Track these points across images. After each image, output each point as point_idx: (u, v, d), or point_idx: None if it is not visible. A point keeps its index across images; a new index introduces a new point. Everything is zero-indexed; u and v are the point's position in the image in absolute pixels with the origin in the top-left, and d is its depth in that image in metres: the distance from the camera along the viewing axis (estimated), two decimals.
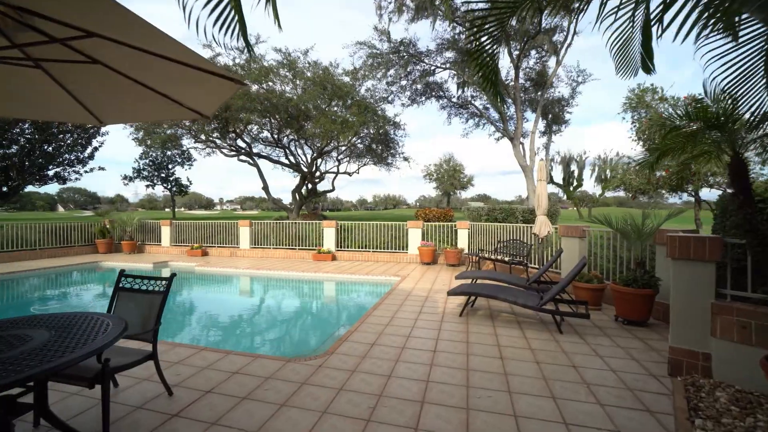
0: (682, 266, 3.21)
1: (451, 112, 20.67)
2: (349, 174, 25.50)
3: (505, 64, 18.55)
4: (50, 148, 21.54)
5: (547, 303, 4.59)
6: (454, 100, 20.03)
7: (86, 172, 24.51)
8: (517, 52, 17.02)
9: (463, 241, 10.91)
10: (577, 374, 3.31)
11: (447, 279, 8.37)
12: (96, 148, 24.07)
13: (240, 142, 21.30)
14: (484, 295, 5.00)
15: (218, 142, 20.85)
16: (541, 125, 20.75)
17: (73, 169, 23.89)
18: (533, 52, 18.40)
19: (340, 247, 12.16)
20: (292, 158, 23.14)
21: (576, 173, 33.51)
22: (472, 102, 19.92)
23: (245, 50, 17.20)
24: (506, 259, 7.99)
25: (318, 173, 24.90)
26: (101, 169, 25.05)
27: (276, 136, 21.17)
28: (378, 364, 3.53)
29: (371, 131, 20.16)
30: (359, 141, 22.31)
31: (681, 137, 3.51)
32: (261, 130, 20.11)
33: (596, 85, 20.48)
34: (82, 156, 23.29)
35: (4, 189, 21.55)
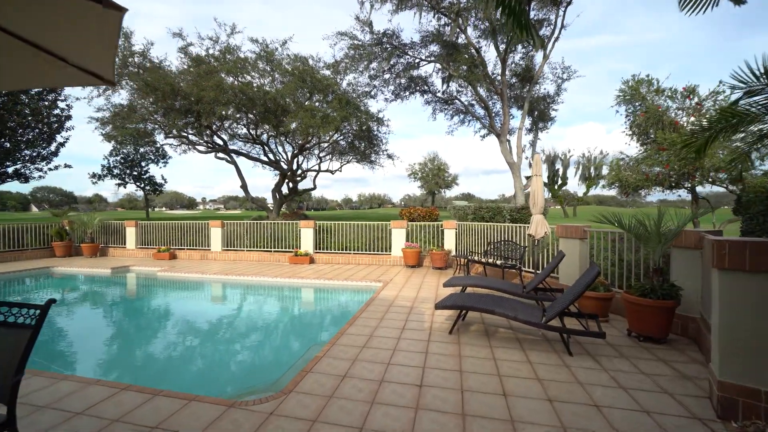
0: (733, 279, 2.53)
1: (436, 107, 19.98)
2: (332, 172, 24.60)
3: (491, 57, 18.01)
4: (7, 144, 19.94)
5: (552, 319, 3.88)
6: (439, 95, 19.35)
7: (50, 169, 22.93)
8: (503, 46, 16.44)
9: (450, 242, 10.21)
10: (602, 418, 2.60)
11: (434, 285, 7.64)
12: (61, 144, 22.52)
13: (217, 140, 20.17)
14: (478, 309, 4.27)
15: (192, 138, 19.66)
16: (527, 122, 20.31)
17: (36, 166, 22.29)
18: (519, 46, 17.89)
19: (319, 249, 11.31)
20: (271, 155, 22.10)
21: (561, 171, 33.51)
22: (458, 97, 19.29)
23: (218, 40, 16.15)
24: (498, 262, 7.31)
25: (300, 171, 23.93)
26: (67, 166, 23.46)
27: (253, 132, 20.10)
28: (347, 409, 2.74)
29: (354, 127, 19.31)
30: (341, 138, 21.44)
31: (736, 116, 2.82)
32: (237, 125, 19.00)
33: (575, 87, 20.46)
34: (44, 152, 21.72)
35: None
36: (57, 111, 21.16)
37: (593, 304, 4.83)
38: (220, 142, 20.28)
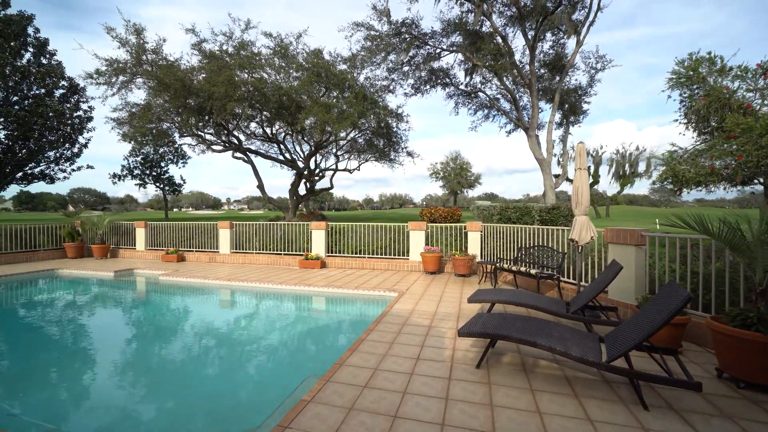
0: None
1: (459, 101, 18.86)
2: (350, 171, 23.90)
3: (518, 45, 16.71)
4: (32, 146, 20.26)
5: (618, 358, 2.87)
6: (462, 87, 18.23)
7: (74, 170, 23.28)
8: (532, 33, 15.18)
9: (474, 247, 9.18)
10: None
11: (456, 296, 6.66)
12: (84, 145, 22.81)
13: (233, 139, 19.81)
14: (516, 340, 3.30)
15: (209, 137, 19.37)
16: (557, 116, 18.86)
17: (60, 167, 22.65)
18: (549, 34, 16.55)
19: (331, 252, 10.51)
20: (288, 155, 21.60)
21: (592, 169, 31.50)
22: (482, 90, 18.10)
23: (232, 36, 15.68)
24: (532, 271, 6.25)
25: (317, 171, 23.34)
26: (90, 167, 23.78)
27: (269, 130, 19.62)
28: None
29: (372, 124, 18.49)
30: (359, 135, 20.68)
31: None
32: (249, 121, 18.54)
33: (603, 83, 18.55)
34: (67, 153, 22.02)
35: None
36: (80, 113, 21.38)
37: (667, 333, 3.75)
38: (237, 141, 19.92)
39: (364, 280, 8.22)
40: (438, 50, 16.24)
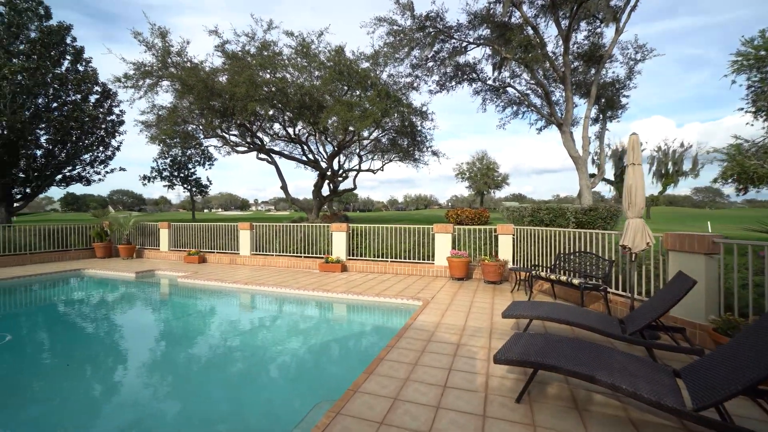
0: None
1: (487, 97, 18.01)
2: (373, 171, 23.48)
3: (550, 35, 15.67)
4: (68, 149, 21.07)
5: (710, 407, 2.20)
6: (490, 82, 17.37)
7: (108, 173, 24.09)
8: (566, 22, 14.20)
9: (505, 251, 8.46)
10: None
11: (487, 307, 6.02)
12: (117, 148, 23.55)
13: (257, 140, 19.84)
14: (567, 372, 2.68)
15: (233, 139, 19.47)
16: (593, 111, 17.65)
17: (95, 170, 23.49)
18: (583, 24, 15.46)
19: (353, 256, 10.07)
20: (311, 156, 21.43)
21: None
22: (512, 84, 17.18)
23: (254, 36, 15.59)
24: (574, 281, 5.53)
25: (341, 171, 23.07)
26: (122, 169, 24.52)
27: (291, 130, 19.49)
28: None
29: (395, 122, 17.97)
30: (383, 134, 20.22)
31: None
32: (272, 122, 18.45)
33: (638, 77, 17.00)
34: (101, 156, 22.79)
35: (27, 191, 21.34)
36: (112, 117, 22.08)
37: None
38: (260, 143, 19.94)
39: (386, 286, 7.70)
40: (464, 44, 15.50)
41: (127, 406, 3.49)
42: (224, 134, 18.30)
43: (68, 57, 20.89)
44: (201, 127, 17.28)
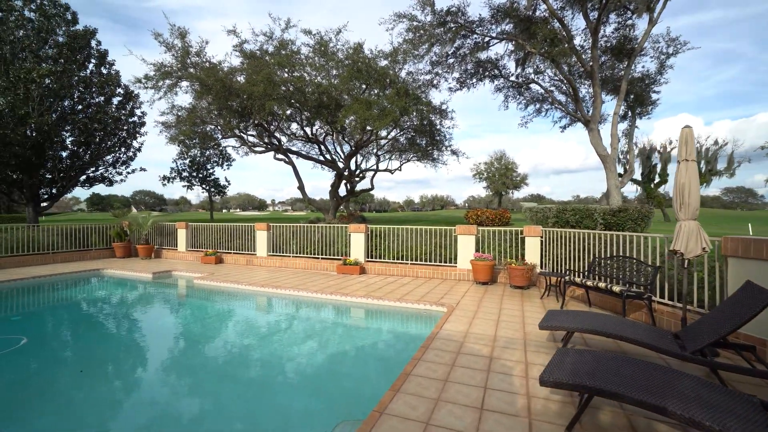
0: None
1: (509, 94, 17.44)
2: (391, 172, 23.18)
3: (578, 26, 14.95)
4: (92, 150, 21.53)
5: None
6: (513, 79, 16.81)
7: (129, 173, 24.54)
8: (595, 13, 13.56)
9: (532, 254, 8.00)
10: None
11: (517, 315, 5.61)
12: (138, 149, 23.97)
13: (274, 140, 19.82)
14: (633, 401, 2.28)
15: (251, 139, 19.50)
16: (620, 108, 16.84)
17: (117, 170, 23.97)
18: (612, 16, 14.75)
19: (371, 258, 9.76)
20: (328, 156, 21.28)
21: (659, 167, 28.35)
22: (536, 80, 16.56)
23: (272, 35, 15.50)
24: (615, 288, 5.06)
25: (358, 171, 22.86)
26: (142, 170, 24.96)
27: (309, 130, 19.37)
28: None
29: (414, 121, 17.62)
30: (401, 134, 19.89)
31: None
32: (289, 122, 18.36)
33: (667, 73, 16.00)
34: (123, 157, 23.22)
35: (53, 191, 21.92)
36: (134, 118, 22.46)
37: None
38: (278, 142, 19.90)
39: (407, 290, 7.36)
40: (486, 39, 15.01)
41: (134, 417, 3.26)
42: (242, 134, 18.34)
43: (93, 60, 21.34)
44: (219, 128, 17.34)
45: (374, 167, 22.80)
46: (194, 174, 30.33)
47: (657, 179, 27.44)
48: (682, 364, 3.79)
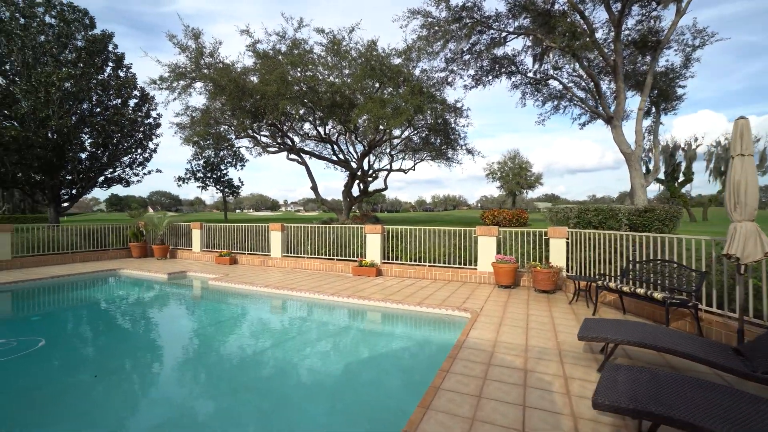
0: None
1: (526, 91, 16.97)
2: (404, 171, 22.92)
3: (600, 18, 14.34)
4: (110, 152, 21.83)
5: None
6: (530, 75, 16.33)
7: (145, 174, 24.83)
8: (618, 5, 13.03)
9: (558, 257, 7.62)
10: None
11: (546, 321, 5.27)
12: (153, 150, 24.23)
13: (288, 140, 19.75)
14: None
15: (264, 139, 19.47)
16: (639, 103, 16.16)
17: (133, 171, 24.28)
18: (635, 8, 14.17)
19: (387, 259, 9.50)
20: (341, 155, 21.13)
21: (683, 165, 27.32)
22: (555, 76, 16.05)
23: (285, 35, 15.39)
24: (657, 295, 4.68)
25: (371, 171, 22.65)
26: (158, 171, 25.23)
27: (321, 130, 19.23)
28: None
29: (428, 120, 17.30)
30: (414, 133, 19.59)
31: None
32: (302, 122, 18.24)
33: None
34: (139, 159, 23.50)
35: (73, 192, 22.30)
36: (149, 120, 22.70)
37: None
38: (291, 143, 19.82)
39: (426, 293, 7.07)
40: (503, 34, 14.60)
41: (149, 418, 3.07)
42: (255, 135, 18.30)
43: (110, 63, 21.63)
44: (233, 128, 17.32)
45: (387, 167, 22.56)
46: (208, 175, 30.61)
47: (681, 178, 26.43)
48: (740, 381, 3.42)
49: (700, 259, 4.86)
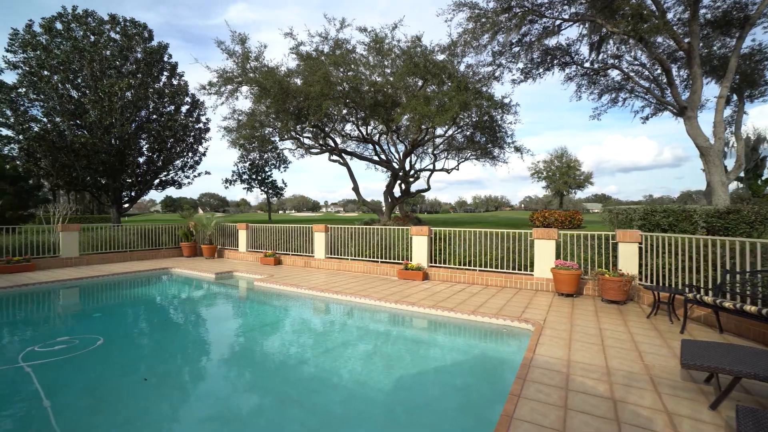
0: None
1: (582, 83, 15.75)
2: (447, 171, 22.25)
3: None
4: (164, 156, 23.16)
5: None
6: (587, 65, 15.12)
7: (195, 177, 26.11)
8: None
9: (628, 264, 6.77)
10: None
11: (625, 338, 4.58)
12: (203, 154, 25.43)
13: (330, 142, 19.86)
14: None
15: (306, 141, 19.70)
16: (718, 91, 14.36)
17: (185, 174, 25.63)
18: None
19: (434, 262, 9.03)
20: (383, 156, 20.90)
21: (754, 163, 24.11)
22: (616, 65, 14.72)
23: (328, 36, 15.37)
24: (764, 311, 3.87)
25: (413, 172, 22.23)
26: (207, 173, 26.46)
27: (363, 130, 19.09)
28: None
29: (473, 117, 16.58)
30: (458, 131, 18.91)
31: None
32: (344, 122, 18.19)
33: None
34: (190, 162, 24.75)
35: (132, 194, 23.91)
36: (200, 125, 23.81)
37: None
38: (333, 144, 19.89)
39: (479, 300, 6.54)
40: (557, 22, 13.59)
41: (198, 412, 2.87)
42: (298, 136, 18.52)
43: (165, 72, 22.98)
44: (276, 130, 17.63)
45: (429, 167, 22.03)
46: (254, 177, 31.72)
47: (766, 174, 23.38)
48: None
49: None
